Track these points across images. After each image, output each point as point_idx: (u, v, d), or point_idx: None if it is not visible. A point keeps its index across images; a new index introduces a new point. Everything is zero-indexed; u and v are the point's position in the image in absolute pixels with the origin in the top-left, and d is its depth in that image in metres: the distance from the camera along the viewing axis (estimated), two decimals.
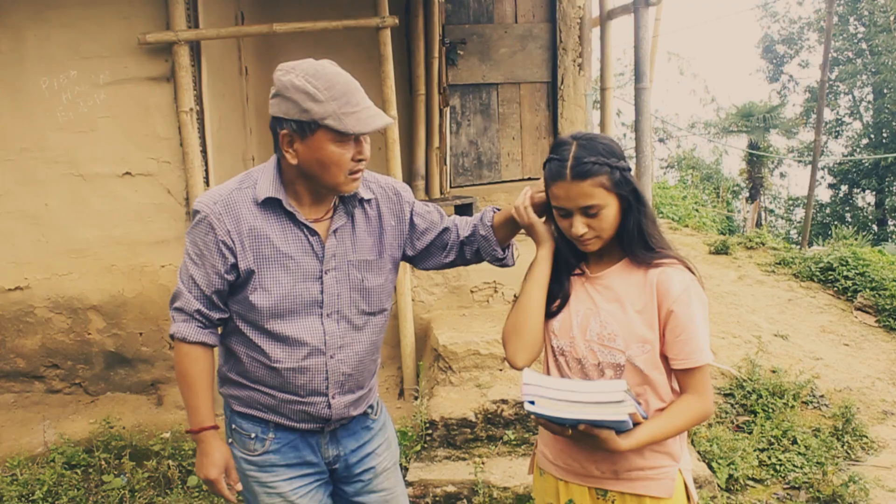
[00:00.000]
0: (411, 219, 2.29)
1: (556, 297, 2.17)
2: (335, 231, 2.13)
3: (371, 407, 2.37)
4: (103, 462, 4.35)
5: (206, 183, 4.89)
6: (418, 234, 2.31)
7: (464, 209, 5.78)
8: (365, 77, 6.38)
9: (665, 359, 2.07)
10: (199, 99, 4.90)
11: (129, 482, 4.23)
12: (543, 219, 2.21)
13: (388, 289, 2.28)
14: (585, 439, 1.98)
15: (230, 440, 2.27)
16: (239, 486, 2.22)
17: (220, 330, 2.22)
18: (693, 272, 2.08)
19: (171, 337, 2.16)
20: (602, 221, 2.02)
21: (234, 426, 2.26)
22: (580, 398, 1.92)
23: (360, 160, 2.02)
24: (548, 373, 2.22)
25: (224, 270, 2.07)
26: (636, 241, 2.07)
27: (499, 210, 2.33)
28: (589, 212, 2.00)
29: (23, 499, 4.14)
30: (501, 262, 2.36)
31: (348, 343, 2.18)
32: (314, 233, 2.10)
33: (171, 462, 4.33)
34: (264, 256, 2.07)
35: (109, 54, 4.80)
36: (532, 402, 1.96)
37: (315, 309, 2.12)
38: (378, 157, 5.26)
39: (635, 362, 2.05)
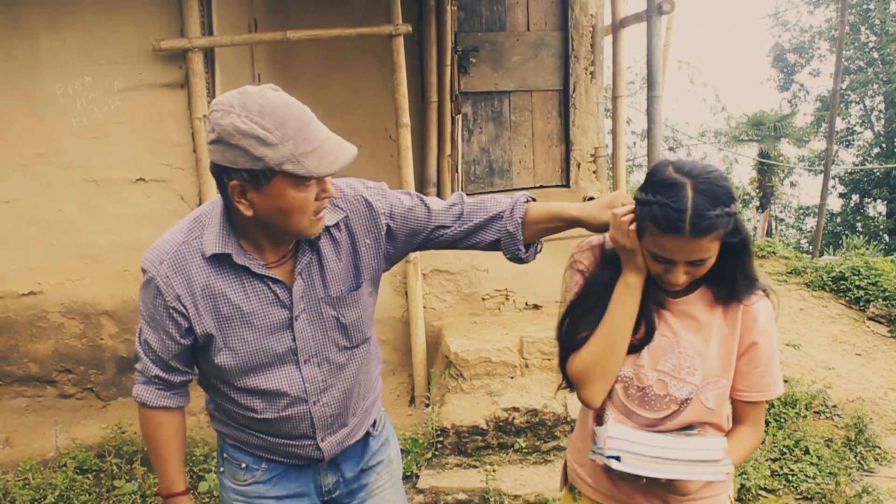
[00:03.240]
0: (389, 229, 1.97)
1: (638, 328, 1.91)
2: (300, 272, 1.88)
3: (373, 424, 2.21)
4: (115, 467, 4.37)
5: None
6: (402, 241, 2.01)
7: None
8: (378, 84, 6.40)
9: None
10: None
11: (141, 487, 4.24)
12: None
13: (368, 316, 2.04)
14: (659, 486, 1.84)
15: (221, 468, 2.15)
16: None
17: (188, 387, 2.04)
18: (773, 298, 1.91)
19: (134, 399, 2.01)
20: (704, 270, 1.80)
21: (225, 455, 2.13)
22: (676, 456, 1.78)
23: (324, 198, 1.76)
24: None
25: (179, 336, 1.87)
26: (728, 283, 1.86)
27: (533, 200, 2.03)
28: (695, 263, 1.77)
29: (35, 503, 4.16)
30: (520, 261, 2.05)
31: (331, 385, 1.99)
32: (276, 280, 1.86)
33: None
34: (224, 316, 1.85)
35: (124, 61, 4.83)
36: (617, 458, 1.78)
37: (289, 357, 1.92)
38: (390, 164, 5.29)
39: (704, 397, 1.88)
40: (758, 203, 22.70)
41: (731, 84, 54.28)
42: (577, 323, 1.97)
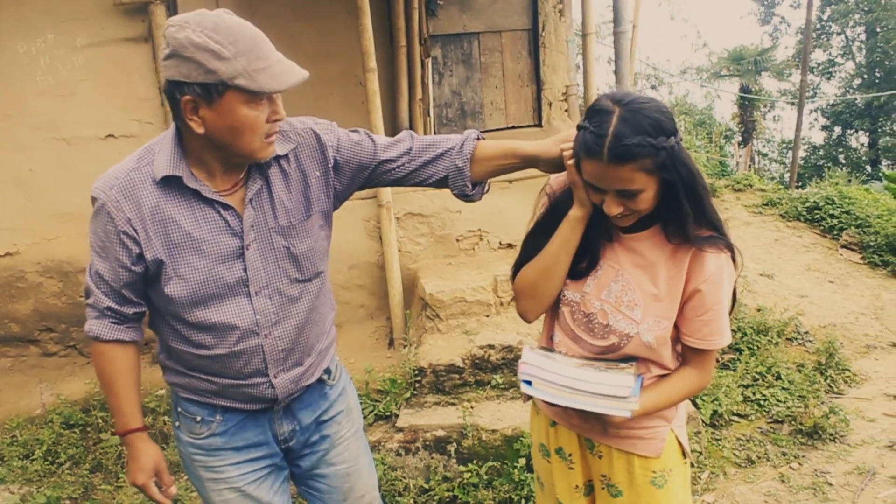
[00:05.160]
0: (336, 162, 2.00)
1: (584, 257, 1.98)
2: (251, 200, 1.89)
3: (327, 372, 2.20)
4: (100, 421, 4.44)
5: None
6: (349, 175, 2.03)
7: None
8: (347, 31, 6.34)
9: (675, 328, 1.95)
10: None
11: None
12: None
13: (321, 248, 2.04)
14: (579, 414, 1.92)
15: (177, 423, 2.12)
16: (173, 490, 2.06)
17: (141, 323, 2.01)
18: (731, 252, 1.89)
19: (87, 337, 1.97)
20: (639, 203, 1.79)
21: (179, 409, 2.09)
22: (583, 387, 1.83)
23: (275, 120, 1.78)
24: (549, 318, 2.12)
25: (130, 262, 1.84)
26: (677, 224, 1.85)
27: (482, 139, 2.05)
28: (626, 194, 1.77)
29: (24, 458, 4.23)
30: (466, 198, 2.07)
31: (283, 318, 1.98)
32: (227, 206, 1.86)
33: (166, 418, 4.41)
34: (174, 243, 1.84)
35: (86, 16, 4.78)
36: (528, 383, 1.85)
37: (241, 289, 1.90)
38: (362, 111, 5.27)
39: (645, 336, 1.91)
40: (740, 138, 22.71)
41: (713, 19, 53.80)
42: (532, 243, 2.05)
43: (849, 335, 5.47)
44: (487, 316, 4.79)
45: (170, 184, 1.81)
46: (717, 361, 4.94)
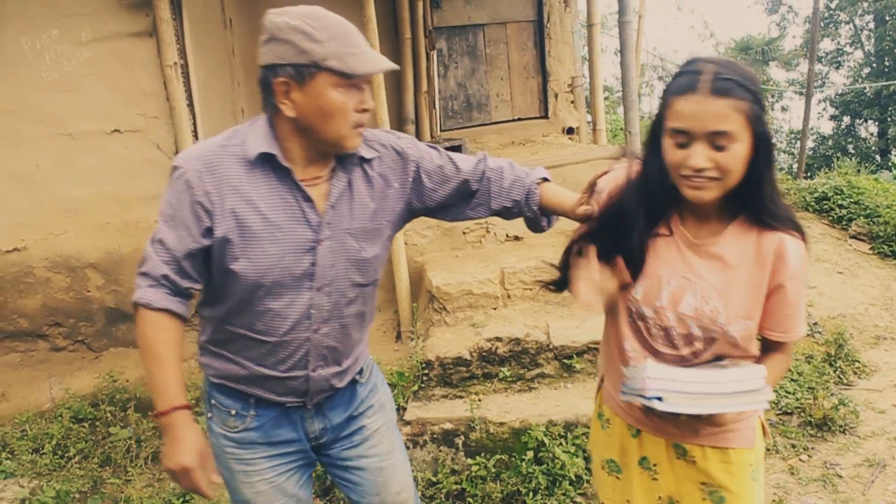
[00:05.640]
0: (418, 177, 2.05)
1: (630, 260, 1.89)
2: (332, 195, 1.91)
3: (360, 372, 2.22)
4: (109, 415, 4.45)
5: (195, 136, 4.91)
6: (428, 193, 2.08)
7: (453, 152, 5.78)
8: (352, 23, 6.36)
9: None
10: (182, 53, 4.89)
11: (135, 433, 4.33)
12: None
13: (383, 257, 2.09)
14: (697, 420, 1.79)
15: (209, 414, 2.12)
16: (217, 478, 1.94)
17: (191, 302, 1.96)
18: (805, 241, 1.82)
19: (134, 305, 1.88)
20: (730, 159, 1.67)
21: (213, 401, 2.09)
22: (718, 389, 1.73)
23: (363, 110, 1.83)
24: (619, 334, 2.00)
25: (199, 234, 1.84)
26: (759, 198, 1.75)
27: (546, 181, 2.15)
28: (718, 141, 1.65)
29: (34, 452, 4.25)
30: (542, 231, 2.22)
31: (335, 317, 2.00)
32: (308, 198, 1.88)
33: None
34: (248, 223, 1.84)
35: (90, 11, 4.78)
36: (659, 399, 1.72)
37: (304, 281, 1.92)
38: None
39: (731, 336, 1.84)
40: None
41: (720, 9, 53.56)
42: (601, 233, 1.93)
43: (858, 326, 5.43)
44: (495, 308, 4.78)
45: (260, 164, 1.85)
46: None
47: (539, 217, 2.12)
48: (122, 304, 5.12)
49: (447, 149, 2.18)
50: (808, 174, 14.98)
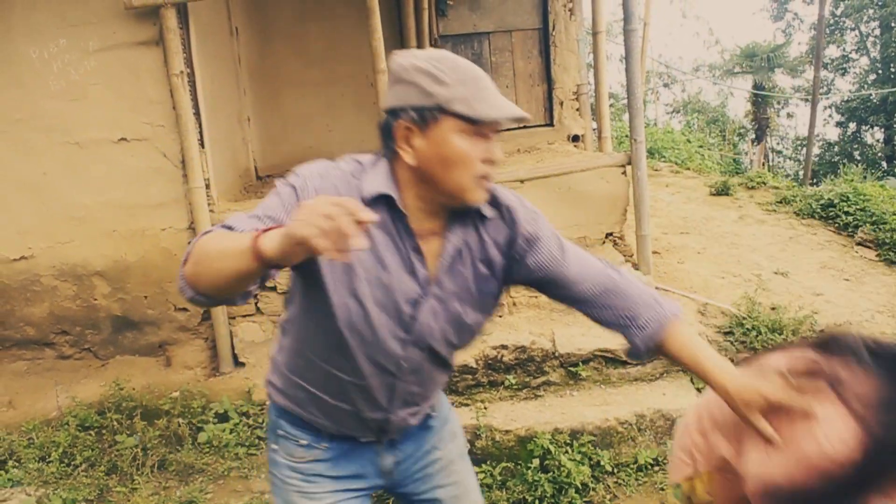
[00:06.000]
0: (523, 256, 1.86)
1: None
2: (445, 254, 1.78)
3: (432, 407, 2.12)
4: (115, 423, 4.46)
5: (201, 145, 4.93)
6: (528, 276, 1.90)
7: None
8: (357, 32, 6.35)
9: None
10: (189, 61, 4.92)
11: (142, 441, 4.34)
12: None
13: (485, 323, 1.94)
14: None
15: (274, 445, 2.03)
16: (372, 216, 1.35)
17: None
18: None
19: (186, 259, 1.59)
20: None
21: (280, 431, 2.01)
22: None
23: (489, 161, 1.67)
24: None
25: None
26: None
27: (678, 320, 1.87)
28: None
29: (40, 460, 4.26)
30: (638, 359, 1.97)
31: (424, 369, 1.89)
32: (418, 250, 1.75)
33: (181, 420, 4.43)
34: (359, 260, 1.70)
35: (97, 20, 4.81)
36: None
37: (400, 332, 1.79)
38: (374, 112, 5.27)
39: None
40: (753, 136, 22.61)
41: (725, 16, 53.61)
42: None
43: (865, 333, 5.42)
44: (500, 316, 4.78)
45: (373, 204, 1.68)
46: (732, 360, 4.91)
47: (647, 354, 1.90)
48: (129, 311, 5.14)
49: None
50: (815, 181, 14.96)
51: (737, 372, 1.65)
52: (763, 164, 18.16)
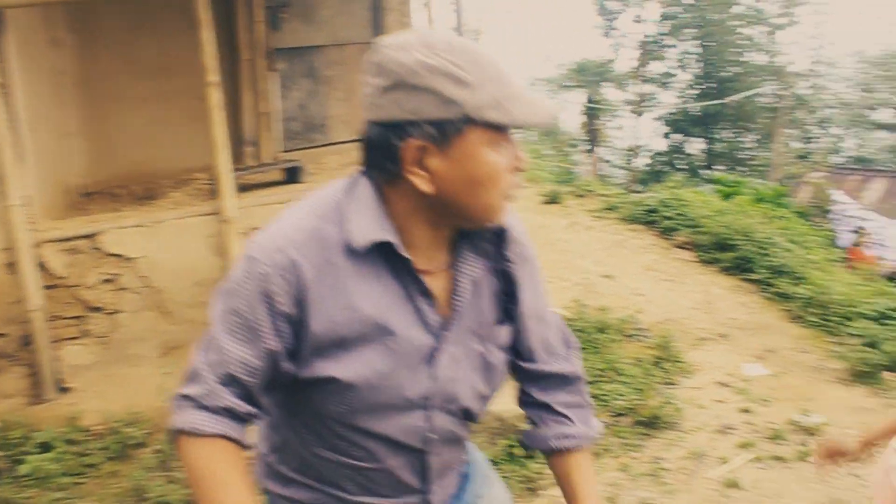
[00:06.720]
0: (511, 294, 1.48)
1: None
2: (459, 288, 1.38)
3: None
4: None
5: (20, 160, 4.69)
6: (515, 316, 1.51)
7: (292, 173, 5.80)
8: (189, 44, 6.22)
9: None
10: (4, 72, 4.68)
11: None
12: None
13: (505, 363, 1.53)
14: None
15: None
16: None
17: (251, 422, 1.40)
18: None
19: (177, 432, 1.32)
20: None
21: None
22: None
23: (518, 169, 1.31)
24: None
25: (281, 353, 1.31)
26: None
27: (584, 450, 1.59)
28: None
29: None
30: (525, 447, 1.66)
31: (457, 436, 1.50)
32: (427, 293, 1.34)
33: None
34: (352, 328, 1.30)
35: None
36: None
37: (420, 401, 1.38)
38: (205, 124, 5.17)
39: None
40: (588, 147, 23.68)
41: (559, 31, 55.94)
42: None
43: (683, 329, 5.82)
44: None
45: (369, 254, 1.30)
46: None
47: (533, 447, 1.61)
48: None
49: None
50: (642, 188, 15.83)
51: None
52: (595, 174, 19.05)
